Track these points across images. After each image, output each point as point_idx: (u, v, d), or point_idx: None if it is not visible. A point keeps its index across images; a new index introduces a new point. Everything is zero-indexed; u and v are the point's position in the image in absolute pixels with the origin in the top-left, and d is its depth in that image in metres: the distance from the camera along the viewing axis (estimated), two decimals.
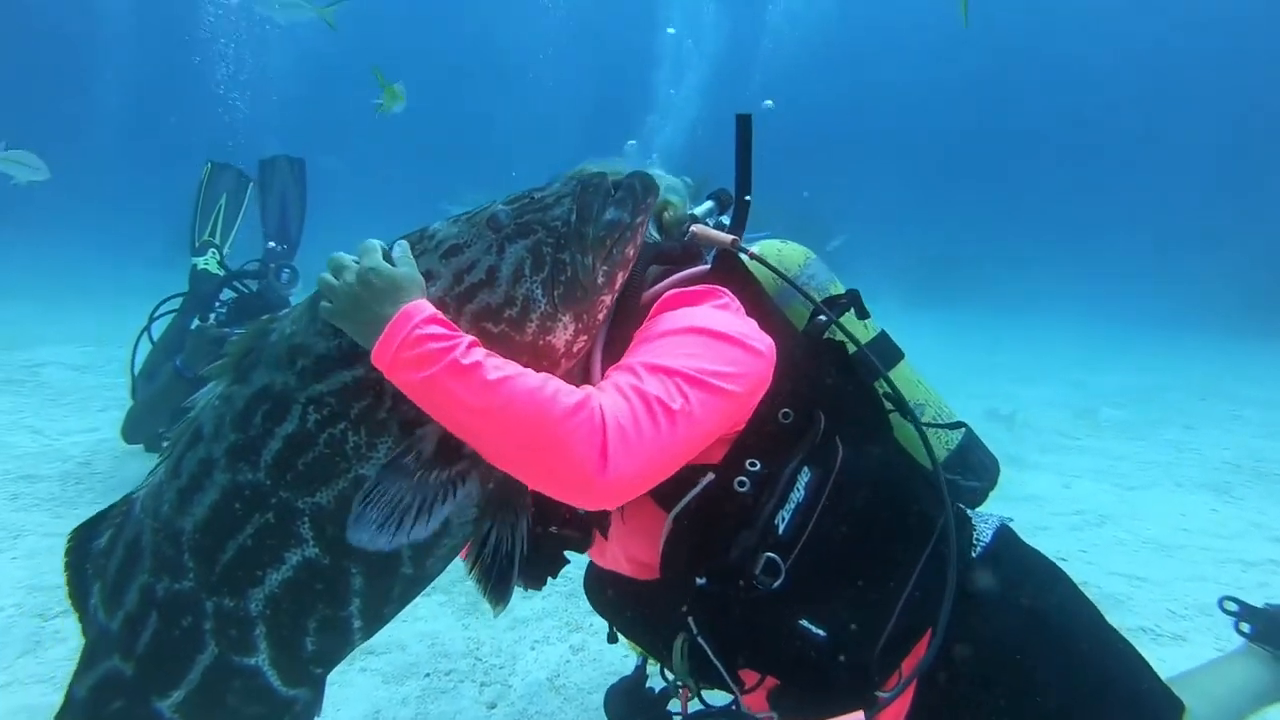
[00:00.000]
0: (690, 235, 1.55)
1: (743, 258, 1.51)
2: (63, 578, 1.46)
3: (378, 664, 2.83)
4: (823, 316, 1.49)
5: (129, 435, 4.45)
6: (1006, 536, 1.55)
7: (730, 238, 1.50)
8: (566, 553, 1.53)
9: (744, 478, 1.35)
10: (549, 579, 1.53)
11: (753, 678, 1.42)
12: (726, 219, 1.64)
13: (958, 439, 1.59)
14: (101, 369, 6.83)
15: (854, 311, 1.55)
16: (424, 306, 1.23)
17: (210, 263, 4.81)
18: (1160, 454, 6.22)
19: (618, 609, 1.63)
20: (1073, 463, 5.89)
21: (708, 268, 1.53)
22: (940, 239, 23.07)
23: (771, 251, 1.60)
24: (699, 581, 1.36)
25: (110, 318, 7.38)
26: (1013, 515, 1.64)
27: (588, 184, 1.38)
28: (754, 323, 1.38)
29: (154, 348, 4.61)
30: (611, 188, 1.38)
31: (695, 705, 1.60)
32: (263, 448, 1.29)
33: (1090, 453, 6.22)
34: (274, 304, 4.47)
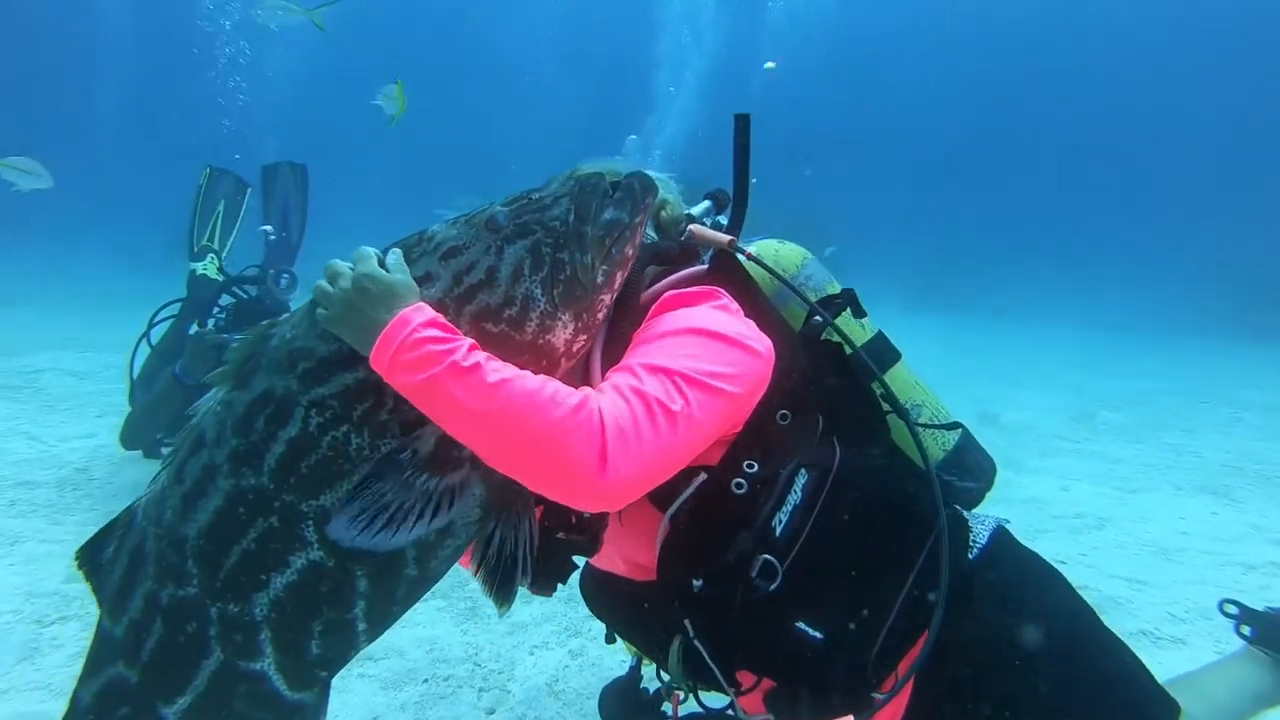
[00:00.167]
0: (687, 235, 1.55)
1: (740, 258, 1.51)
2: (91, 595, 1.45)
3: (376, 670, 2.82)
4: (818, 318, 1.48)
5: (127, 441, 4.44)
6: (1003, 538, 1.55)
7: (728, 238, 1.51)
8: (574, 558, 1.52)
9: (741, 479, 1.35)
10: (559, 584, 1.52)
11: (749, 679, 1.42)
12: (724, 219, 1.64)
13: (954, 440, 1.59)
14: (100, 375, 6.82)
15: (850, 310, 1.55)
16: (422, 310, 1.23)
17: (209, 268, 4.81)
18: (1160, 457, 6.22)
19: (614, 610, 1.63)
20: (1072, 466, 5.89)
21: (705, 268, 1.53)
22: (939, 243, 23.08)
23: (769, 252, 1.59)
24: (696, 583, 1.35)
25: (109, 323, 7.38)
26: (1012, 519, 1.64)
27: (585, 184, 1.38)
28: (753, 324, 1.38)
29: (152, 353, 4.61)
30: (609, 188, 1.38)
31: (691, 707, 1.60)
32: (265, 452, 1.29)
33: (1089, 456, 6.22)
34: (273, 309, 4.47)
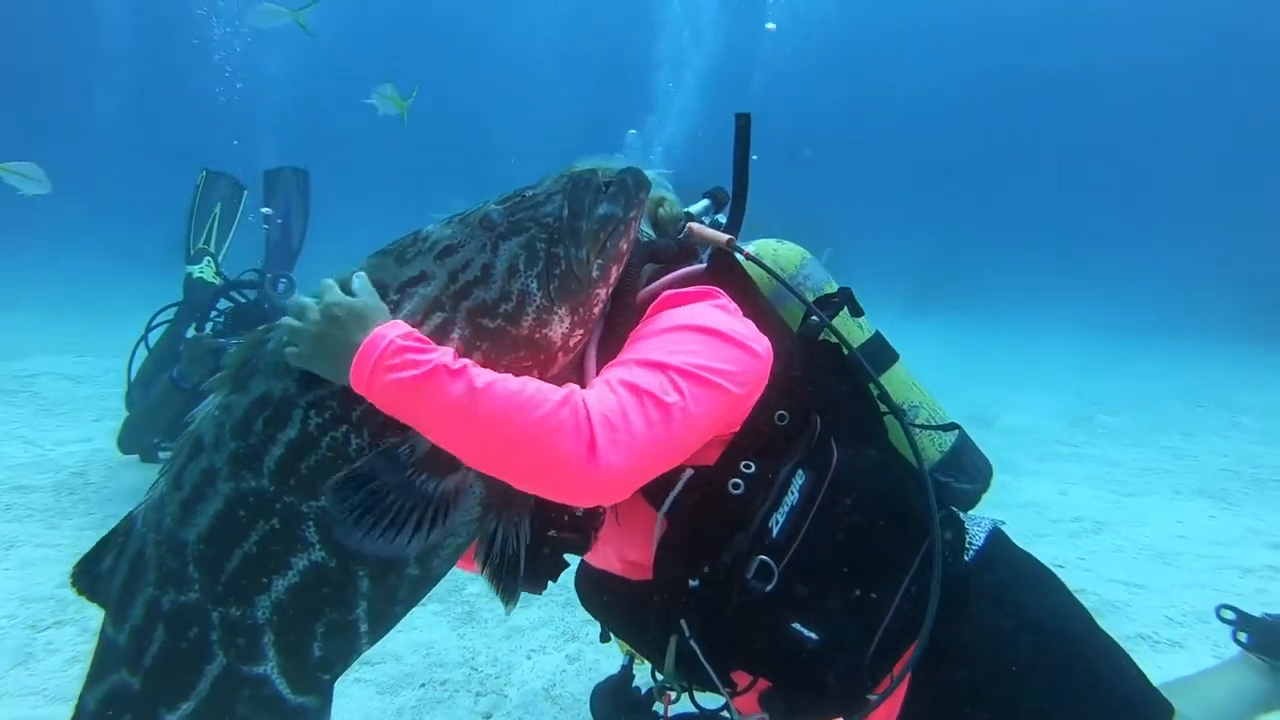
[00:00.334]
0: (686, 233, 1.55)
1: (738, 258, 1.50)
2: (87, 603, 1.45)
3: (372, 674, 2.81)
4: (815, 318, 1.48)
5: (125, 445, 4.44)
6: (999, 540, 1.55)
7: (726, 237, 1.50)
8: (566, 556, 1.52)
9: (739, 479, 1.35)
10: (549, 583, 1.51)
11: (744, 680, 1.41)
12: (723, 218, 1.64)
13: (951, 441, 1.59)
14: (97, 379, 6.81)
15: (847, 309, 1.55)
16: (397, 325, 1.23)
17: (205, 271, 4.82)
18: (1158, 461, 6.22)
19: (610, 609, 1.62)
20: (1070, 470, 5.89)
21: (703, 267, 1.52)
22: (939, 244, 23.11)
23: (767, 252, 1.59)
24: (692, 583, 1.35)
25: (107, 327, 7.37)
26: (1011, 523, 1.64)
27: (578, 180, 1.40)
28: (752, 324, 1.38)
29: (149, 357, 4.62)
30: (603, 184, 1.39)
31: (682, 707, 1.59)
32: (265, 454, 1.29)
33: (1087, 460, 6.22)
34: (271, 314, 4.46)
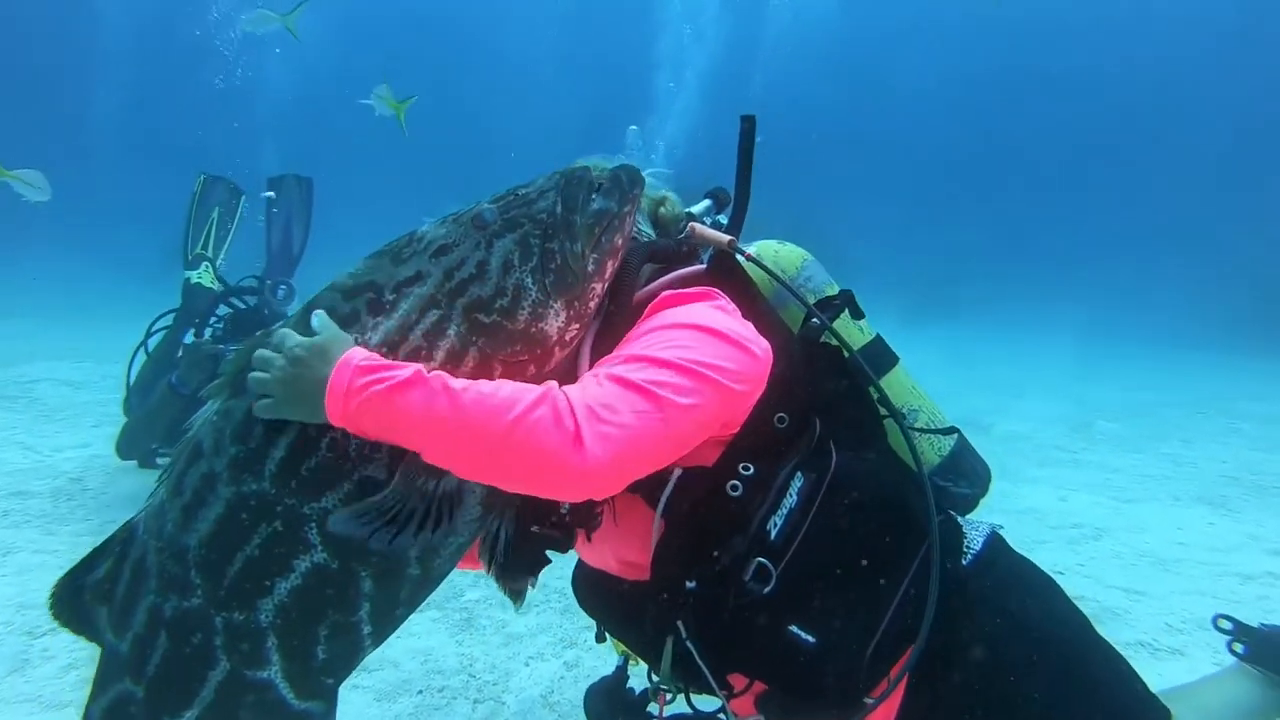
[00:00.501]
0: (687, 233, 1.54)
1: (739, 259, 1.50)
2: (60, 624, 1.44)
3: (370, 681, 2.80)
4: (816, 320, 1.48)
5: (123, 451, 4.43)
6: (997, 544, 1.54)
7: (727, 238, 1.50)
8: (553, 556, 1.52)
9: (737, 481, 1.34)
10: (530, 580, 1.52)
11: (741, 682, 1.41)
12: (724, 218, 1.64)
13: (950, 444, 1.59)
14: (96, 385, 6.81)
15: (848, 311, 1.55)
16: (362, 350, 1.24)
17: (203, 276, 4.82)
18: (1157, 467, 6.21)
19: (606, 609, 1.62)
20: (1069, 476, 5.88)
21: (703, 268, 1.52)
22: (939, 247, 23.12)
23: (768, 253, 1.59)
24: (689, 585, 1.34)
25: (105, 332, 7.37)
26: (1010, 529, 1.63)
27: (571, 176, 1.41)
28: (751, 325, 1.37)
29: (147, 362, 4.62)
30: (595, 180, 1.40)
31: (677, 708, 1.59)
32: (265, 457, 1.30)
33: (1087, 466, 6.22)
34: (270, 320, 4.47)
